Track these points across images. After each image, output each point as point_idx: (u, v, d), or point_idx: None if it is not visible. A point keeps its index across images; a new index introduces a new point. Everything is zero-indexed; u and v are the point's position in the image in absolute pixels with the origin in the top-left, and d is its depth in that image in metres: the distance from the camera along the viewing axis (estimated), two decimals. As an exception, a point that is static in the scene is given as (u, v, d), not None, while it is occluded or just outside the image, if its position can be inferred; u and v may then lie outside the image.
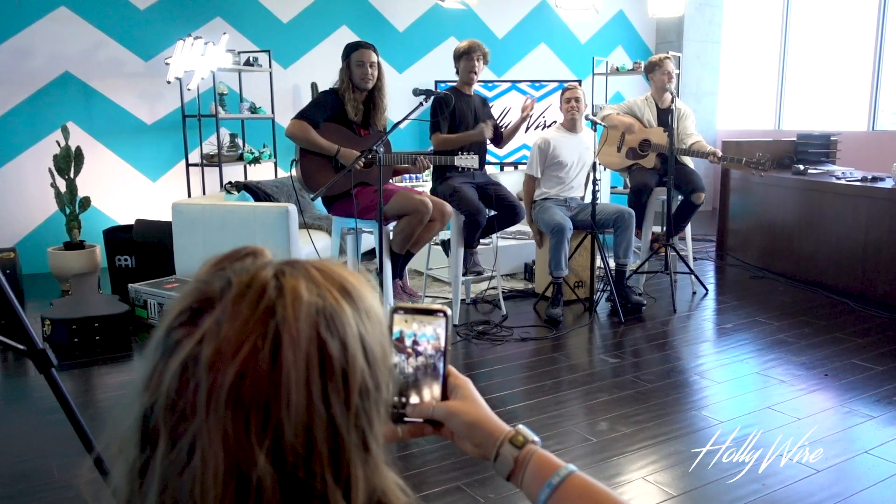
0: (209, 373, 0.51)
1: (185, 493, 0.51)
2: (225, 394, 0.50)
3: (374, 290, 0.61)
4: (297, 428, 0.51)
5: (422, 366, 0.78)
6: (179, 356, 0.52)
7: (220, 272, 0.56)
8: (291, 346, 0.51)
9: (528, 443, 0.78)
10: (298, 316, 0.52)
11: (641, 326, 4.24)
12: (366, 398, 0.55)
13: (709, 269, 5.70)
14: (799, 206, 5.23)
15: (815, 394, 3.21)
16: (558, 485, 0.74)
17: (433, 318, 0.78)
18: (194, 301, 0.54)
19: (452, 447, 2.66)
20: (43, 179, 5.06)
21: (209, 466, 0.50)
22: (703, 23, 8.50)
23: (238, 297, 0.53)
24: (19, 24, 5.32)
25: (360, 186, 3.73)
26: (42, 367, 1.56)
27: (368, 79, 3.73)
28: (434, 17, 7.08)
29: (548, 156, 4.50)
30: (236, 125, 6.05)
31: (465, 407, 0.78)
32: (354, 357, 0.54)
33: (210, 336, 0.52)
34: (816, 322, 4.24)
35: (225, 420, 0.50)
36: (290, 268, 0.56)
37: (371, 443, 0.56)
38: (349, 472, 0.54)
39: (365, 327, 0.56)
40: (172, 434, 0.52)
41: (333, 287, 0.56)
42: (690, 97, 8.26)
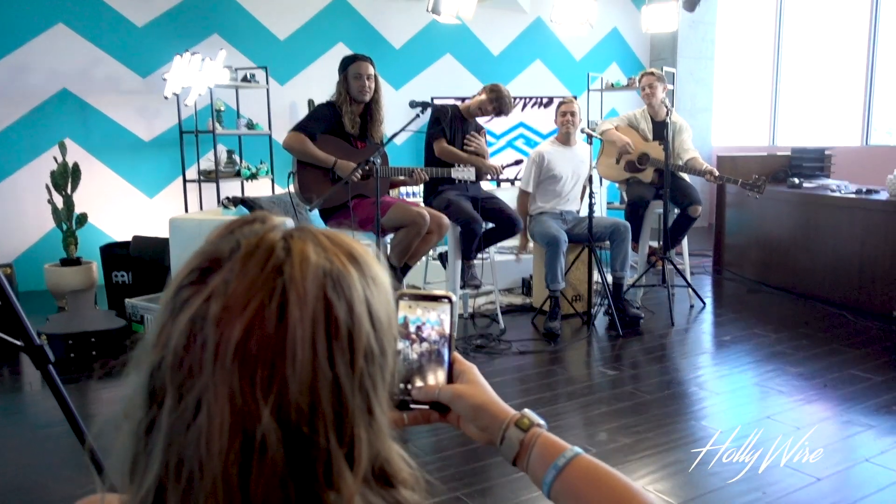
0: (216, 329, 0.51)
1: (190, 450, 0.51)
2: (231, 349, 0.51)
3: (376, 258, 0.61)
4: (302, 386, 0.51)
5: (426, 352, 0.77)
6: (187, 313, 0.53)
7: (229, 235, 0.56)
8: (298, 305, 0.52)
9: (533, 426, 0.77)
10: (306, 276, 0.53)
11: (639, 339, 4.24)
12: (370, 362, 0.56)
13: (706, 284, 5.71)
14: (795, 219, 5.25)
15: (814, 404, 3.21)
16: (564, 466, 0.73)
17: (437, 304, 0.77)
18: (203, 261, 0.55)
19: (452, 458, 2.66)
20: (40, 196, 5.06)
21: (215, 422, 0.51)
22: (696, 40, 8.58)
23: (246, 257, 0.54)
24: (17, 41, 5.34)
25: (358, 199, 3.74)
26: (39, 364, 1.56)
27: (366, 91, 3.75)
28: (430, 35, 7.13)
29: (542, 169, 4.52)
30: (233, 141, 6.07)
31: (471, 390, 0.78)
32: (360, 320, 0.55)
33: (218, 293, 0.52)
34: (814, 334, 4.24)
35: (231, 376, 0.51)
36: (298, 232, 0.57)
37: (375, 407, 0.56)
38: (352, 434, 0.54)
39: (371, 292, 0.57)
40: (179, 391, 0.52)
41: (341, 252, 0.57)
42: (685, 113, 8.32)
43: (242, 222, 0.58)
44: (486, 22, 7.35)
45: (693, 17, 8.36)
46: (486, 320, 4.61)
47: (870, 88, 7.23)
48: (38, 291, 5.15)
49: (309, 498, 0.53)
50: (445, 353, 0.77)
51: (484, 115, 4.37)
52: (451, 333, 0.77)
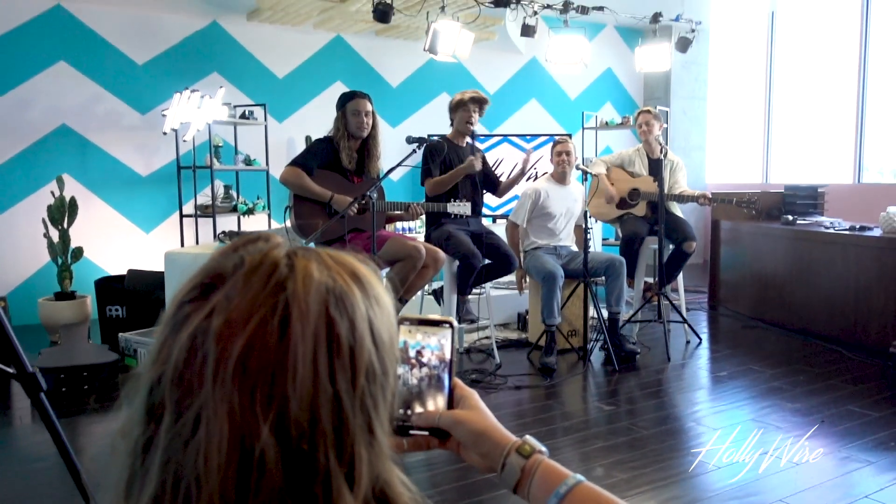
0: (217, 344, 0.51)
1: (188, 467, 0.51)
2: (232, 365, 0.50)
3: (379, 278, 0.61)
4: (302, 402, 0.51)
5: (426, 377, 0.76)
6: (189, 328, 0.52)
7: (233, 253, 0.57)
8: (300, 321, 0.52)
9: (535, 452, 0.76)
10: (309, 292, 0.53)
11: (636, 375, 4.22)
12: (372, 381, 0.55)
13: (702, 320, 5.70)
14: (789, 255, 5.28)
15: (812, 440, 3.18)
16: (566, 494, 0.72)
17: (438, 329, 0.76)
18: (206, 277, 0.55)
19: (447, 492, 2.62)
20: (36, 230, 5.07)
21: (213, 438, 0.50)
22: (689, 80, 8.72)
23: (249, 273, 0.54)
24: (20, 78, 5.41)
25: (354, 233, 3.75)
26: (31, 391, 1.55)
27: (364, 127, 3.79)
28: (427, 73, 7.24)
29: (537, 206, 4.55)
30: (231, 177, 6.11)
31: (472, 416, 0.77)
32: (362, 338, 0.54)
33: (220, 309, 0.52)
34: (810, 370, 4.22)
35: (231, 391, 0.50)
36: (302, 251, 0.58)
37: (376, 427, 0.55)
38: (353, 453, 0.53)
39: (374, 312, 0.56)
40: (178, 407, 0.52)
41: (344, 271, 0.57)
42: (679, 151, 8.39)
43: (247, 240, 0.58)
44: (481, 61, 7.46)
45: (685, 58, 8.50)
46: (481, 355, 4.59)
47: (861, 127, 7.33)
48: (32, 325, 5.12)
49: None
50: (446, 378, 0.76)
51: (472, 123, 4.37)
52: (451, 359, 0.76)
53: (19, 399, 3.76)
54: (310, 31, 6.59)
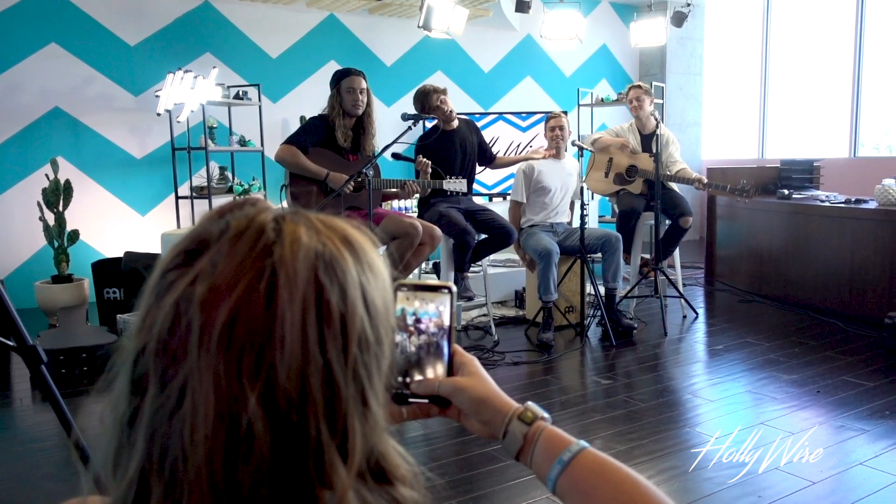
0: (202, 311, 0.49)
1: (174, 440, 0.49)
2: (217, 333, 0.48)
3: (374, 244, 0.59)
4: (291, 372, 0.49)
5: (424, 344, 0.75)
6: (172, 296, 0.50)
7: (219, 219, 0.54)
8: (287, 287, 0.50)
9: (537, 419, 0.74)
10: (296, 257, 0.51)
11: (633, 349, 4.24)
12: (365, 350, 0.53)
13: (698, 295, 5.72)
14: (785, 230, 5.29)
15: (808, 409, 3.21)
16: (569, 461, 0.70)
17: (436, 295, 0.75)
18: (190, 243, 0.53)
19: (447, 466, 2.65)
20: (31, 214, 5.05)
21: (199, 409, 0.48)
22: (685, 55, 8.68)
23: (235, 238, 0.52)
24: (10, 61, 5.36)
25: (350, 211, 3.75)
26: (31, 364, 1.55)
27: (359, 105, 3.78)
28: (421, 52, 7.19)
29: (532, 181, 4.55)
30: (226, 158, 6.09)
31: (473, 383, 0.75)
32: (354, 305, 0.52)
33: (204, 275, 0.50)
34: (806, 342, 4.25)
35: (217, 361, 0.48)
36: (292, 215, 0.55)
37: (370, 398, 0.53)
38: (345, 425, 0.52)
39: (367, 278, 0.54)
40: (162, 377, 0.50)
41: (335, 236, 0.55)
42: (675, 128, 8.39)
43: (234, 206, 0.56)
44: (476, 39, 7.42)
45: (681, 34, 8.46)
46: (479, 332, 4.61)
47: (856, 102, 7.32)
48: (30, 309, 5.12)
49: (299, 492, 0.50)
50: (445, 345, 0.75)
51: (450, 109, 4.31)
52: (450, 325, 0.75)
53: (19, 381, 3.77)
54: (303, 9, 6.53)
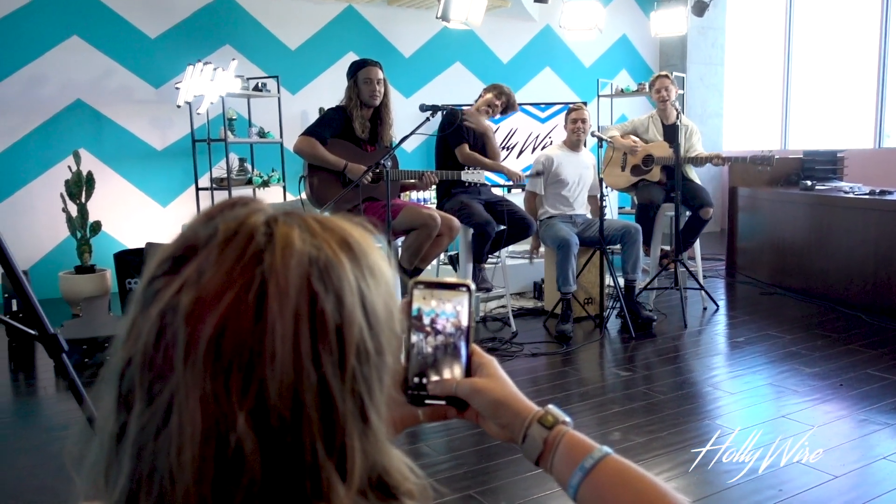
0: (187, 324, 0.46)
1: (161, 459, 0.47)
2: (204, 348, 0.46)
3: (378, 246, 0.56)
4: (283, 389, 0.46)
5: (441, 345, 0.72)
6: (158, 306, 0.47)
7: (208, 221, 0.51)
8: (278, 297, 0.47)
9: (558, 423, 0.71)
10: (288, 264, 0.48)
11: (652, 341, 4.22)
12: (364, 362, 0.50)
13: (719, 287, 5.67)
14: (808, 221, 5.22)
15: (830, 403, 3.17)
16: (592, 468, 0.67)
17: (454, 294, 0.72)
18: (178, 249, 0.50)
19: (465, 457, 2.65)
20: (54, 205, 5.11)
21: (186, 429, 0.46)
22: (706, 45, 8.58)
23: (223, 244, 0.49)
24: (33, 54, 5.42)
25: (368, 202, 3.75)
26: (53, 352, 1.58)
27: (376, 95, 3.77)
28: (439, 43, 7.17)
29: (550, 173, 4.52)
30: (245, 149, 6.12)
31: (491, 385, 0.72)
32: (352, 314, 0.49)
33: (190, 284, 0.47)
34: (829, 335, 4.20)
35: (203, 377, 0.46)
36: (285, 216, 0.52)
37: (370, 413, 0.51)
38: (343, 443, 0.49)
39: (366, 284, 0.51)
40: (149, 393, 0.47)
41: (332, 239, 0.51)
42: (696, 119, 8.30)
43: (224, 206, 0.53)
44: (495, 30, 7.39)
45: (702, 23, 8.37)
46: (497, 324, 4.60)
47: (882, 91, 7.20)
48: (53, 299, 5.19)
49: None
50: (463, 346, 0.73)
51: (493, 113, 4.38)
52: (469, 325, 0.72)
53: (44, 370, 3.83)
54: (321, 1, 6.54)
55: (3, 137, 5.37)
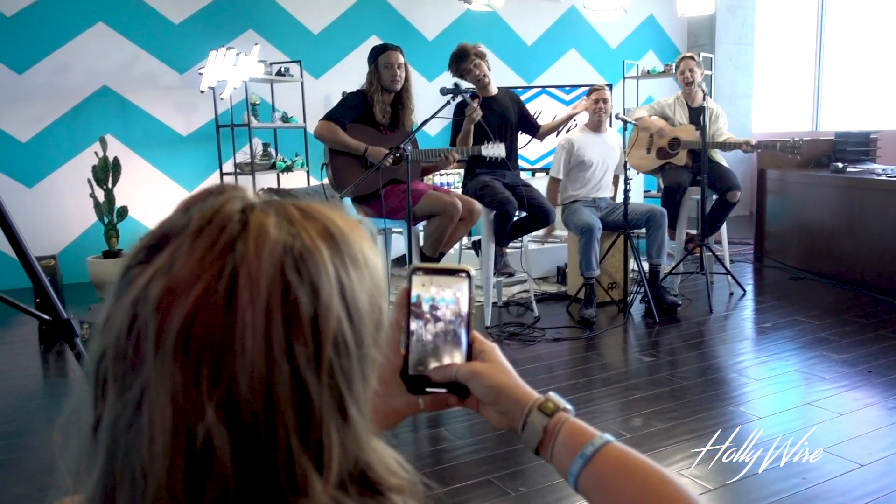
0: (157, 314, 0.45)
1: (134, 452, 0.46)
2: (173, 339, 0.45)
3: (369, 238, 0.54)
4: (254, 382, 0.45)
5: (441, 332, 0.72)
6: (130, 296, 0.46)
7: (186, 211, 0.50)
8: (249, 287, 0.46)
9: (559, 410, 0.70)
10: (260, 253, 0.46)
11: (677, 326, 4.17)
12: (344, 354, 0.49)
13: (746, 271, 5.59)
14: (839, 205, 5.11)
15: (858, 390, 3.11)
16: (592, 455, 0.66)
17: (454, 280, 0.71)
18: (153, 239, 0.49)
19: (485, 441, 2.65)
20: (82, 191, 5.17)
21: (156, 422, 0.45)
22: (735, 25, 8.40)
23: (196, 233, 0.47)
24: (59, 41, 5.47)
25: (390, 185, 3.74)
26: (67, 336, 1.60)
27: (397, 80, 3.75)
28: (463, 25, 7.11)
29: (572, 156, 4.47)
30: (269, 134, 6.14)
31: (491, 370, 0.71)
32: (328, 304, 0.48)
33: (160, 273, 0.46)
34: (859, 320, 4.12)
35: (173, 369, 0.45)
36: (263, 204, 0.50)
37: (349, 406, 0.49)
38: (320, 437, 0.48)
39: (347, 273, 0.49)
40: (121, 384, 0.46)
41: (312, 227, 0.50)
42: (725, 100, 8.16)
43: (205, 194, 0.51)
44: (518, 11, 7.30)
45: (731, 2, 8.20)
46: (520, 308, 4.58)
47: (918, 70, 6.99)
48: (82, 283, 5.27)
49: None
50: (463, 333, 0.72)
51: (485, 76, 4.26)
52: (469, 311, 0.72)
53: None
54: (344, -16, 6.51)
55: (31, 124, 5.44)
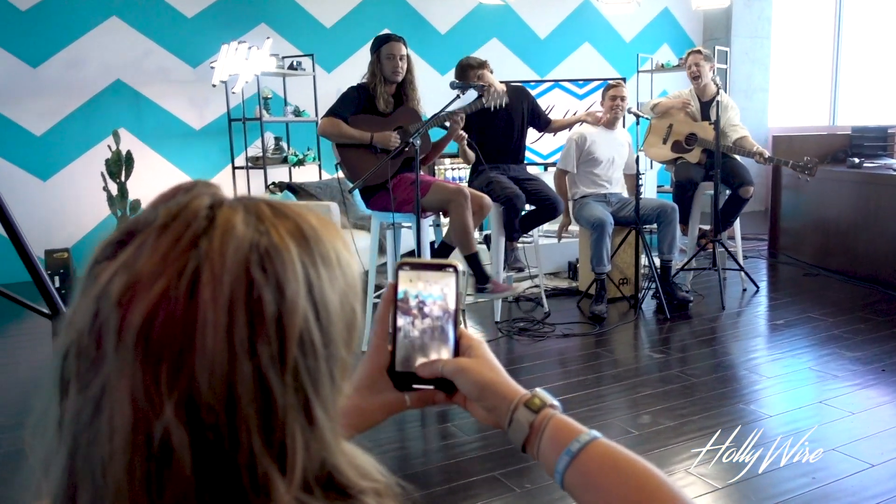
0: (118, 309, 0.44)
1: (94, 451, 0.45)
2: (133, 335, 0.44)
3: (344, 239, 0.53)
4: (214, 379, 0.44)
5: (429, 329, 0.71)
6: (94, 291, 0.46)
7: (156, 207, 0.49)
8: (211, 284, 0.45)
9: (545, 406, 0.68)
10: (225, 250, 0.46)
11: (688, 323, 4.14)
12: (310, 354, 0.48)
13: (760, 268, 5.54)
14: (855, 200, 5.04)
15: (871, 389, 3.07)
16: (578, 452, 0.64)
17: (441, 275, 0.71)
18: (120, 234, 0.48)
19: (491, 438, 2.64)
20: (96, 184, 5.21)
21: (116, 420, 0.44)
22: (752, 18, 8.31)
23: (161, 228, 0.47)
24: (73, 35, 5.50)
25: (398, 176, 3.71)
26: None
27: (399, 72, 3.72)
28: (476, 19, 7.08)
29: (583, 151, 4.44)
30: (281, 128, 6.14)
31: (477, 365, 0.70)
32: (294, 303, 0.47)
33: (123, 269, 0.46)
34: (873, 318, 4.06)
35: (133, 367, 0.44)
36: (233, 200, 0.49)
37: (315, 408, 0.48)
38: (284, 439, 0.47)
39: (317, 272, 0.49)
40: (82, 382, 0.46)
41: (282, 225, 0.49)
42: (740, 94, 8.07)
43: (175, 191, 0.51)
44: (532, 4, 7.26)
45: (748, -5, 8.10)
46: (530, 304, 4.57)
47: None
48: (95, 276, 5.31)
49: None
50: (450, 330, 0.71)
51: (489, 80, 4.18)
52: (456, 307, 0.71)
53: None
54: (356, -22, 6.50)
55: (45, 118, 5.48)
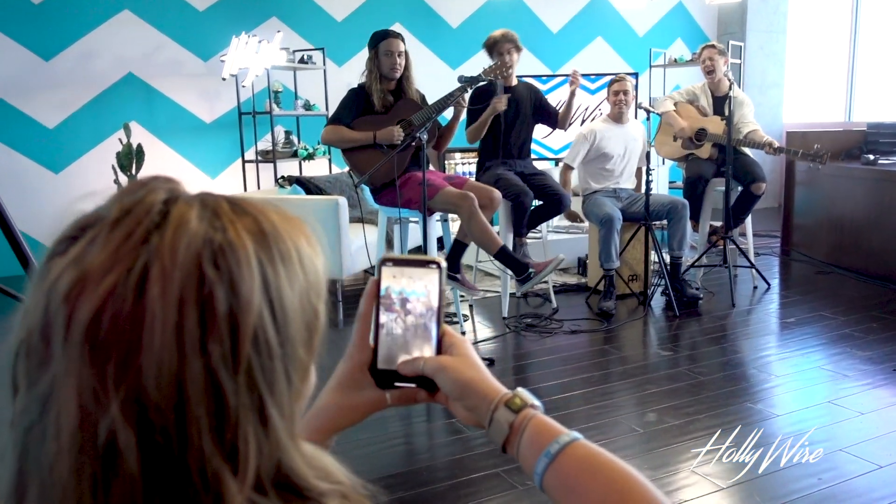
0: (66, 305, 0.44)
1: (41, 452, 0.44)
2: (81, 331, 0.43)
3: (309, 236, 0.52)
4: (163, 378, 0.43)
5: (412, 326, 0.70)
6: (43, 288, 0.45)
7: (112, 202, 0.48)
8: (160, 280, 0.44)
9: (526, 406, 0.67)
10: (176, 246, 0.45)
11: (697, 320, 4.10)
12: (264, 353, 0.47)
13: (772, 265, 5.48)
14: (869, 197, 4.98)
15: (882, 389, 3.03)
16: (557, 454, 0.63)
17: (424, 272, 0.70)
18: (73, 230, 0.47)
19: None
20: (107, 177, 5.23)
21: (62, 418, 0.43)
22: (768, 12, 8.21)
23: (113, 223, 0.46)
24: (85, 28, 5.52)
25: (407, 175, 3.70)
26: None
27: (396, 68, 3.70)
28: (488, 13, 7.04)
29: (593, 147, 4.40)
30: (291, 122, 6.14)
31: (458, 364, 0.69)
32: (248, 301, 0.46)
33: (73, 264, 0.45)
34: (886, 317, 4.01)
35: (80, 365, 0.43)
36: (189, 196, 0.48)
37: (270, 408, 0.47)
38: (235, 439, 0.46)
39: (274, 270, 0.48)
40: (31, 379, 0.45)
41: (240, 221, 0.48)
42: (754, 89, 7.98)
43: (134, 186, 0.49)
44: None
45: (764, -11, 8.01)
46: (538, 300, 4.54)
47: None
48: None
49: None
50: (433, 327, 0.70)
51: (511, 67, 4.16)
52: (439, 304, 0.70)
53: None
54: (368, -29, 6.48)
55: (57, 111, 5.51)
